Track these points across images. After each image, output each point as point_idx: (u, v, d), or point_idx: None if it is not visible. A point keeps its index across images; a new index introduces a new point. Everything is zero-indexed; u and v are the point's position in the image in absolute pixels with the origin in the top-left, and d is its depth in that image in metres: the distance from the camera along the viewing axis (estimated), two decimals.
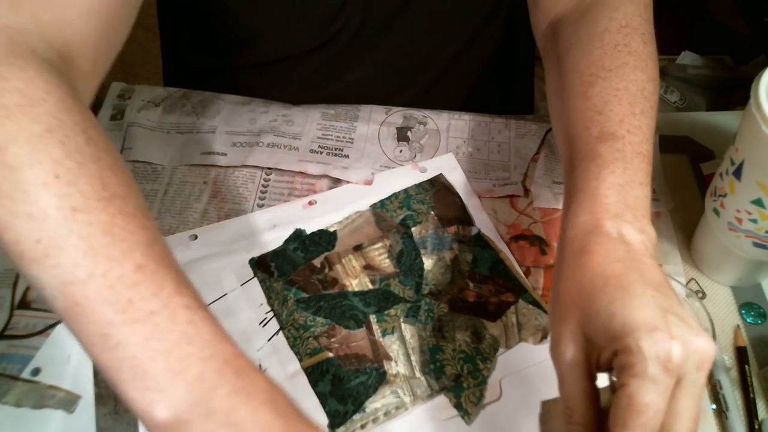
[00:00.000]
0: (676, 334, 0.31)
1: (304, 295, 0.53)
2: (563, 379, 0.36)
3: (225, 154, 0.64)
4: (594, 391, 0.35)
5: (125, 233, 0.31)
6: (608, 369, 0.35)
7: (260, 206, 0.60)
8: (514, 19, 0.71)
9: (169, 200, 0.61)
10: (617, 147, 0.40)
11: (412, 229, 0.57)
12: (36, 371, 0.50)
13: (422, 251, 0.56)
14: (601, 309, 0.34)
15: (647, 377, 0.31)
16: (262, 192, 0.61)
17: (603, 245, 0.36)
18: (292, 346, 0.50)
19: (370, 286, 0.54)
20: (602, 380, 0.36)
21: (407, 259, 0.55)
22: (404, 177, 0.61)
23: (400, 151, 0.64)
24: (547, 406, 0.39)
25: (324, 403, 0.47)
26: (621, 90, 0.42)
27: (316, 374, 0.49)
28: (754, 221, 0.46)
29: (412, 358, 0.50)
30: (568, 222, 0.39)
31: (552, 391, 0.48)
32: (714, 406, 0.47)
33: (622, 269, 0.35)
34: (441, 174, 0.61)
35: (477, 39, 0.70)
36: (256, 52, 0.69)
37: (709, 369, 0.33)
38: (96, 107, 0.69)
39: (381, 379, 0.48)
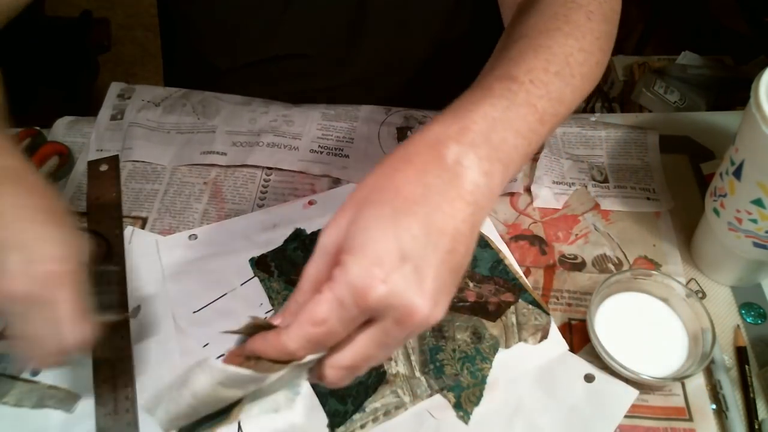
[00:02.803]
0: (392, 281, 0.29)
1: None
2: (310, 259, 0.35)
3: (225, 154, 0.64)
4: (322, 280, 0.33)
5: None
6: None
7: (260, 206, 0.60)
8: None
9: (169, 200, 0.61)
10: (511, 88, 0.37)
11: None
12: (36, 371, 0.50)
13: None
14: (367, 217, 0.31)
15: (335, 298, 0.30)
16: (262, 192, 0.61)
17: (425, 164, 0.33)
18: None
19: None
20: None
21: None
22: None
23: None
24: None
25: (324, 402, 0.47)
26: (543, 47, 0.40)
27: None
28: (754, 221, 0.46)
29: (412, 357, 0.50)
30: (424, 126, 0.35)
31: (551, 391, 0.48)
32: (714, 406, 0.47)
33: (418, 196, 0.32)
34: None
35: (442, 41, 0.69)
36: (238, 55, 0.70)
37: (412, 331, 0.31)
38: (96, 107, 0.69)
39: (381, 378, 0.48)
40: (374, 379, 0.48)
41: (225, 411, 0.40)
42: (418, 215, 0.31)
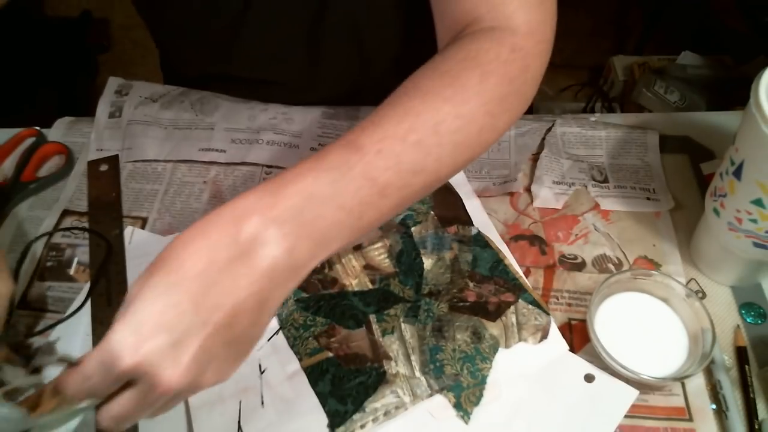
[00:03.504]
0: (144, 352, 0.30)
1: (304, 294, 0.53)
2: None
3: (224, 151, 0.64)
4: None
5: None
6: None
7: None
8: None
9: (169, 200, 0.61)
10: (349, 160, 0.35)
11: (412, 228, 0.57)
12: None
13: (422, 251, 0.56)
14: (147, 286, 0.31)
15: (99, 358, 0.31)
16: None
17: (220, 238, 0.32)
18: (292, 346, 0.50)
19: (370, 286, 0.54)
20: None
21: (407, 258, 0.55)
22: None
23: None
24: None
25: (324, 402, 0.47)
26: (411, 113, 0.38)
27: (315, 374, 0.49)
28: (754, 221, 0.46)
29: (412, 357, 0.50)
30: (238, 195, 0.34)
31: (551, 391, 0.48)
32: (714, 406, 0.47)
33: (199, 270, 0.31)
34: None
35: (402, 66, 0.67)
36: (196, 68, 0.70)
37: (167, 398, 0.33)
38: (95, 107, 0.69)
39: (381, 378, 0.48)
40: (374, 379, 0.48)
41: None
42: (190, 290, 0.31)
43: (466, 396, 0.48)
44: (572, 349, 0.50)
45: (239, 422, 0.47)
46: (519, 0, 0.44)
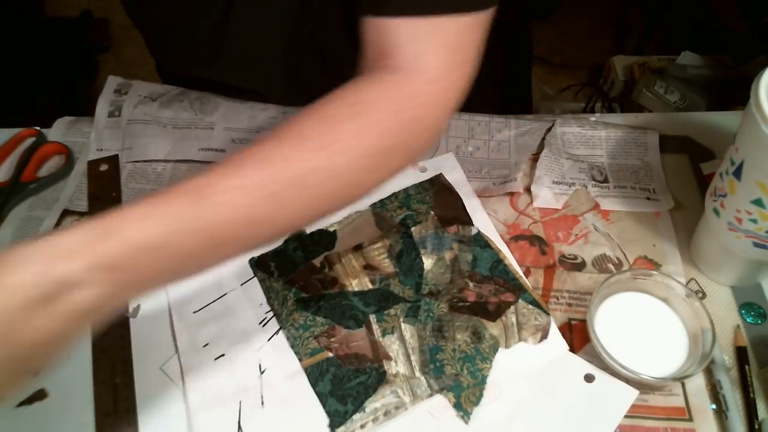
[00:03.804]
0: None
1: (304, 294, 0.53)
2: None
3: (224, 151, 0.64)
4: None
5: None
6: None
7: None
8: (508, 21, 0.71)
9: None
10: (189, 208, 0.34)
11: (412, 228, 0.57)
12: (36, 371, 0.50)
13: (422, 251, 0.56)
14: None
15: None
16: None
17: (13, 277, 0.30)
18: (292, 346, 0.50)
19: (370, 286, 0.54)
20: None
21: (407, 258, 0.55)
22: (404, 176, 0.61)
23: None
24: None
25: (324, 402, 0.47)
26: (273, 161, 0.36)
27: (316, 374, 0.49)
28: (754, 221, 0.46)
29: (412, 357, 0.50)
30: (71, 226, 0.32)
31: (551, 391, 0.49)
32: (714, 406, 0.47)
33: None
34: (441, 174, 0.61)
35: None
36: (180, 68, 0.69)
37: None
38: (93, 103, 0.69)
39: (381, 378, 0.48)
40: (374, 379, 0.48)
41: None
42: None
43: (466, 396, 0.48)
44: (572, 349, 0.50)
45: (239, 422, 0.47)
46: (432, 40, 0.41)
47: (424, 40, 0.41)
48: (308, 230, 0.57)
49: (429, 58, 0.41)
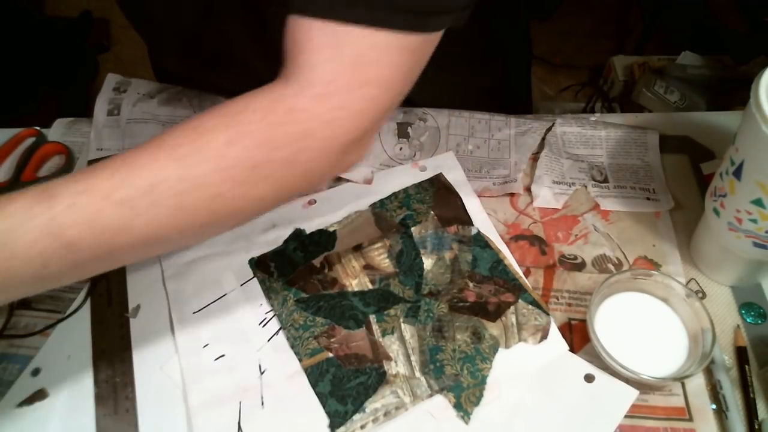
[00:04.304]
0: None
1: (304, 295, 0.53)
2: None
3: None
4: None
5: None
6: None
7: None
8: (507, 20, 0.70)
9: None
10: (33, 209, 0.33)
11: (412, 228, 0.57)
12: (36, 371, 0.50)
13: (422, 251, 0.56)
14: None
15: None
16: None
17: None
18: (292, 346, 0.50)
19: (370, 286, 0.54)
20: None
21: (407, 258, 0.55)
22: (404, 176, 0.61)
23: (400, 148, 0.64)
24: None
25: (324, 403, 0.47)
26: (129, 168, 0.35)
27: (315, 374, 0.49)
28: (754, 221, 0.46)
29: (412, 358, 0.50)
30: None
31: (551, 391, 0.48)
32: (714, 406, 0.47)
33: None
34: (441, 173, 0.61)
35: None
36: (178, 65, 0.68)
37: None
38: (93, 103, 0.69)
39: (381, 379, 0.48)
40: (374, 380, 0.48)
41: None
42: None
43: (466, 396, 0.48)
44: (572, 349, 0.50)
45: (239, 422, 0.47)
46: (328, 52, 0.37)
47: (326, 49, 0.37)
48: (308, 230, 0.57)
49: (322, 71, 0.37)
